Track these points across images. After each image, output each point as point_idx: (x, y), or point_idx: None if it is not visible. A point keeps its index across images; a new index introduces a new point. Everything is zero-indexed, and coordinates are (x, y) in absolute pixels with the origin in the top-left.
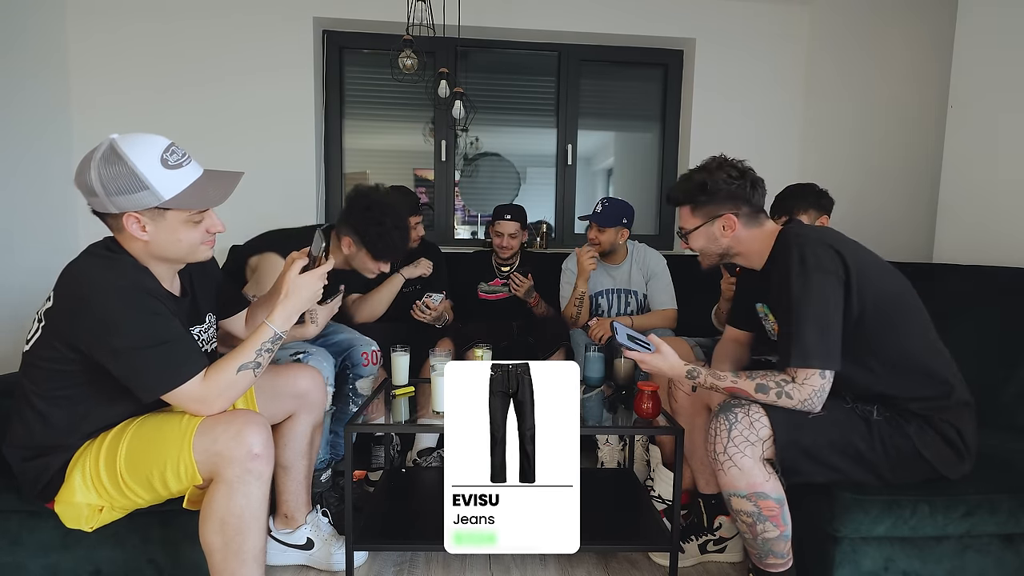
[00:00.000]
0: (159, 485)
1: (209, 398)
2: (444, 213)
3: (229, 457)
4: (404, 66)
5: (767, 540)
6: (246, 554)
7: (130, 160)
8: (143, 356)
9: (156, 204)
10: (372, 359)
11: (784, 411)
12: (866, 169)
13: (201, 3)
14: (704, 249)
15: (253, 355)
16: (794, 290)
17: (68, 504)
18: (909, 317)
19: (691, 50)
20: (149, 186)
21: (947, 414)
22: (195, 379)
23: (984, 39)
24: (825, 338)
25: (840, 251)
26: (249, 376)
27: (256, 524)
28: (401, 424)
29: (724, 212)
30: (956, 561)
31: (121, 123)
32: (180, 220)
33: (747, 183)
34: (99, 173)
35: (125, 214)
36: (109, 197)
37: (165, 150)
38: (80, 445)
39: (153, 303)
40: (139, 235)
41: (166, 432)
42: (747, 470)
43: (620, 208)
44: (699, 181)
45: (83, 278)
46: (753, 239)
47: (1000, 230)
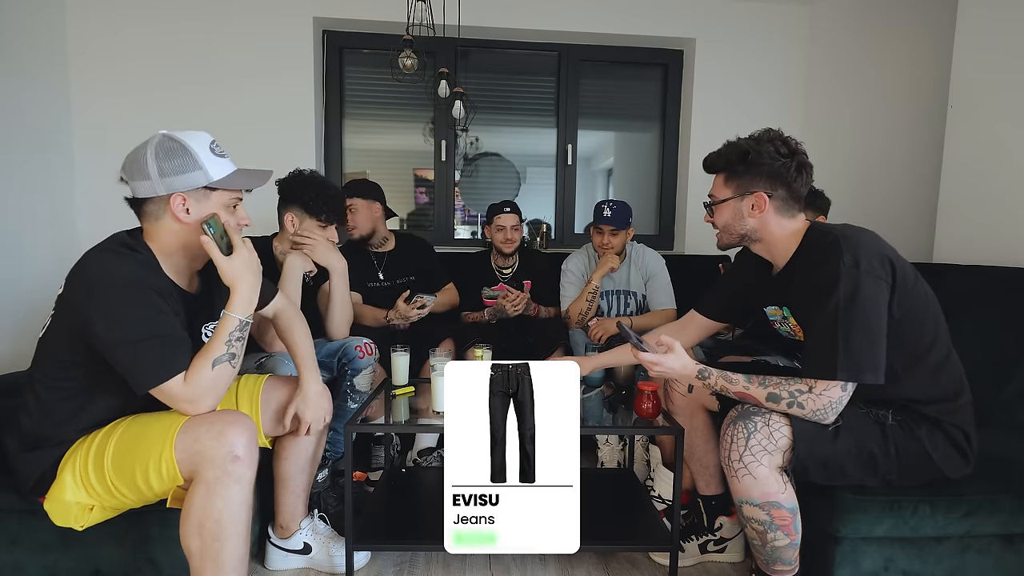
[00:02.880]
0: (143, 485)
1: (194, 396)
2: (444, 213)
3: (209, 457)
4: (404, 66)
5: (776, 548)
6: (224, 561)
7: (186, 144)
8: (137, 349)
9: (205, 183)
10: (367, 350)
11: (807, 422)
12: (866, 169)
13: (201, 3)
14: (727, 226)
15: (224, 347)
16: (842, 293)
17: (58, 502)
18: (936, 319)
19: (691, 50)
20: (202, 167)
21: (957, 416)
22: (180, 376)
23: (984, 39)
24: (873, 348)
25: (890, 257)
26: (227, 369)
27: (235, 530)
28: (401, 424)
29: (758, 189)
30: (956, 561)
31: (121, 124)
32: (220, 203)
33: (793, 164)
34: (156, 157)
35: (173, 195)
36: (163, 178)
37: (212, 142)
38: (75, 440)
39: (156, 300)
40: (182, 216)
41: (151, 431)
42: (762, 479)
43: (625, 209)
44: (742, 149)
45: (91, 268)
46: (781, 229)
47: (1000, 230)
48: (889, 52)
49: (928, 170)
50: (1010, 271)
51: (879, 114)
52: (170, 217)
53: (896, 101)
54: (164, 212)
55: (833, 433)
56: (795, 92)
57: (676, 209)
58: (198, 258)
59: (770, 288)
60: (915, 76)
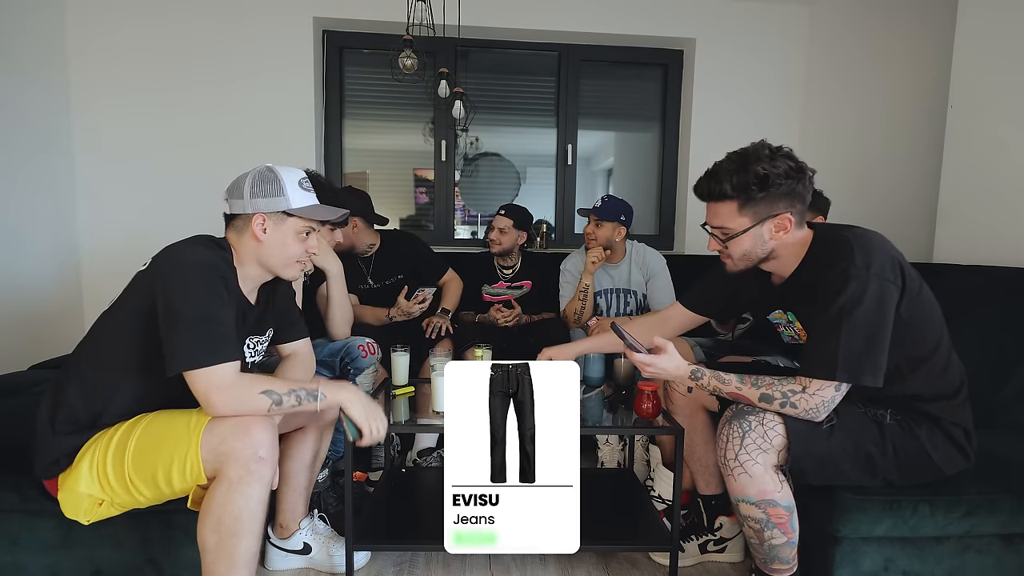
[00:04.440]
0: (163, 483)
1: (228, 392)
2: (444, 213)
3: (234, 456)
4: (404, 66)
5: (774, 547)
6: (238, 557)
7: (279, 175)
8: (191, 326)
9: (284, 208)
10: (369, 349)
11: (801, 421)
12: (866, 169)
13: (201, 4)
14: (748, 254)
15: (285, 391)
16: (850, 294)
17: (71, 492)
18: (937, 318)
19: (691, 50)
20: (285, 194)
21: (957, 414)
22: (226, 366)
23: (984, 39)
24: (874, 351)
25: (900, 260)
26: (265, 403)
27: (251, 528)
28: (401, 424)
29: (780, 212)
30: (956, 561)
31: (122, 124)
32: (294, 230)
33: (806, 177)
34: (252, 181)
35: (256, 214)
36: (252, 199)
37: (302, 178)
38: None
39: (224, 291)
40: (259, 234)
41: (175, 429)
42: (758, 477)
43: (619, 205)
44: (759, 174)
45: (181, 249)
46: (796, 243)
47: (1000, 230)
48: (889, 52)
49: (928, 170)
50: (1010, 271)
51: (879, 114)
52: (250, 234)
53: (896, 101)
54: (246, 228)
55: (828, 431)
56: (795, 92)
57: (676, 209)
58: (265, 275)
59: (773, 296)
60: (915, 76)
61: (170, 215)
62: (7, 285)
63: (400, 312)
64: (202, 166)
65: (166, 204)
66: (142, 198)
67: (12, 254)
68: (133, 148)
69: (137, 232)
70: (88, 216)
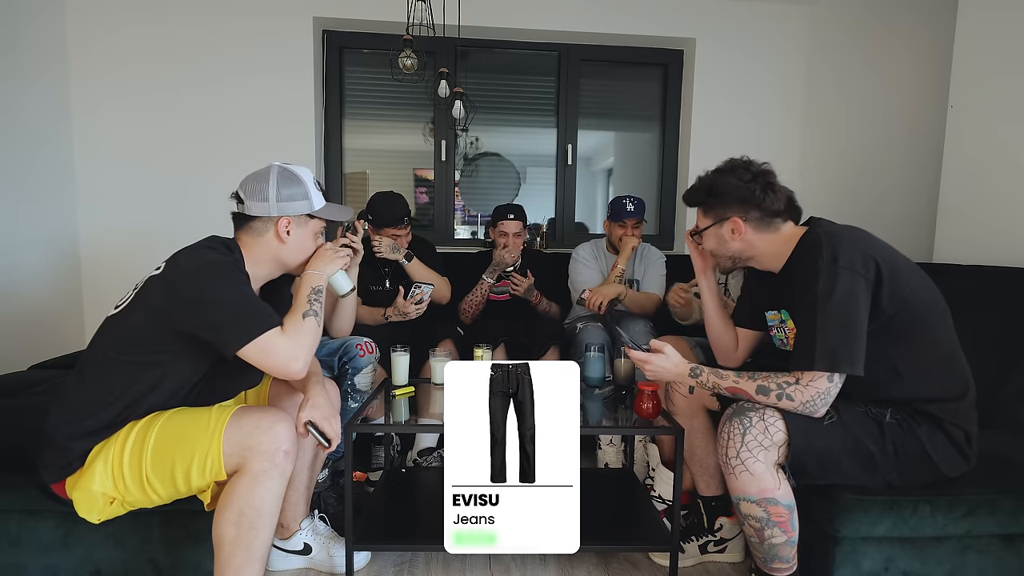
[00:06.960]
0: (181, 480)
1: (293, 347)
2: (444, 213)
3: (260, 450)
4: (404, 66)
5: (774, 545)
6: (255, 550)
7: (300, 176)
8: (230, 309)
9: (308, 211)
10: (367, 348)
11: (801, 416)
12: (866, 169)
13: (201, 4)
14: (715, 251)
15: (307, 303)
16: (820, 287)
17: (86, 491)
18: (939, 318)
19: (691, 50)
20: (310, 197)
21: (959, 416)
22: (272, 331)
23: (984, 40)
24: (849, 340)
25: (873, 255)
26: (312, 323)
27: (270, 521)
28: (401, 424)
29: (731, 215)
30: (956, 561)
31: (122, 125)
32: (313, 231)
33: (757, 187)
34: (277, 185)
35: (281, 217)
36: (279, 203)
37: (314, 177)
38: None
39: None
40: (283, 236)
41: (196, 425)
42: (759, 475)
43: (643, 203)
44: (707, 183)
45: (195, 255)
46: (768, 243)
47: (1000, 230)
48: (889, 52)
49: (928, 170)
50: (1010, 271)
51: (879, 114)
52: (273, 235)
53: (896, 101)
54: (268, 230)
55: (828, 428)
56: (795, 92)
57: (676, 209)
58: (274, 273)
59: (772, 292)
60: (915, 76)
61: (171, 215)
62: (7, 285)
63: (397, 312)
64: (202, 166)
65: (167, 204)
66: (143, 199)
67: (12, 254)
68: (133, 149)
69: (138, 233)
70: (89, 217)
